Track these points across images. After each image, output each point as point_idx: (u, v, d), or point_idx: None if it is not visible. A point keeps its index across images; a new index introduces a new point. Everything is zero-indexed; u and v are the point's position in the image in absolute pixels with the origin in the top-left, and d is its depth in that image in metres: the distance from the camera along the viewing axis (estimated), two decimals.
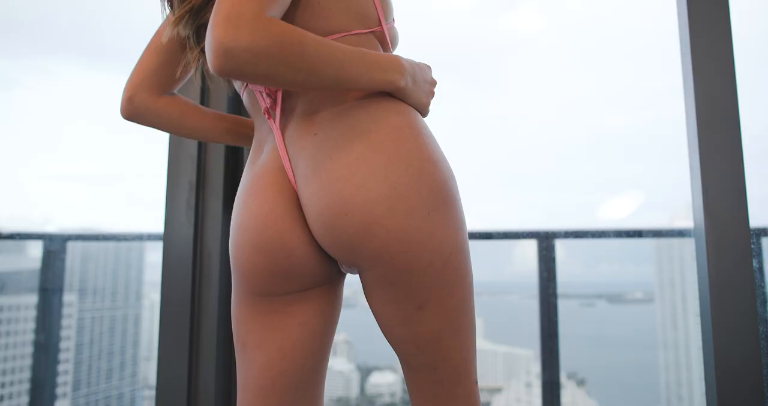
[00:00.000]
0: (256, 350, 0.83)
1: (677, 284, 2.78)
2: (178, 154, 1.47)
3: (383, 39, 0.89)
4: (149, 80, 0.95)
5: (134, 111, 0.96)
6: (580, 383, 3.32)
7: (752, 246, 1.29)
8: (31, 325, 2.43)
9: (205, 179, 1.47)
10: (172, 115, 0.98)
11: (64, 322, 2.40)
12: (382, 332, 0.84)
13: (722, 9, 1.35)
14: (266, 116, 0.85)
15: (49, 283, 2.29)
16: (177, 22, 0.86)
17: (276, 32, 0.66)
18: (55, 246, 2.30)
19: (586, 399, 3.27)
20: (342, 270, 0.88)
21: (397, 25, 0.94)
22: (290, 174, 0.81)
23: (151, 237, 2.39)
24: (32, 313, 2.38)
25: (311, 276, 0.82)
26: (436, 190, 0.76)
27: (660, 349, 2.87)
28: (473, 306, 0.82)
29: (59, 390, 2.45)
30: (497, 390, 3.66)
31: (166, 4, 0.93)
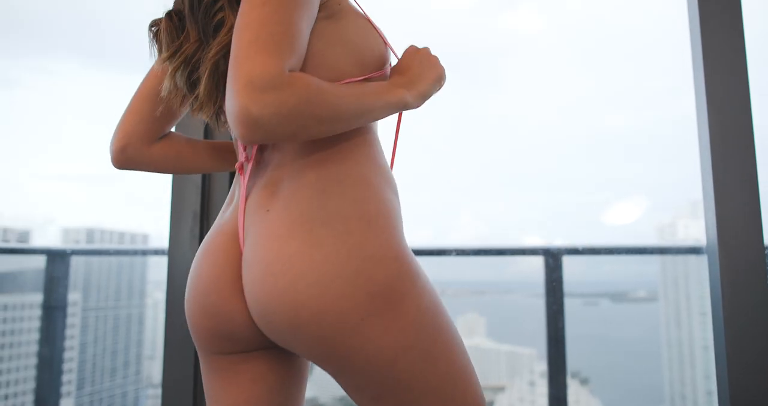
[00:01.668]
0: (215, 404, 0.84)
1: (681, 283, 2.78)
2: (183, 184, 1.45)
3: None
4: (142, 128, 0.91)
5: (127, 161, 0.92)
6: (584, 381, 3.32)
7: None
8: (36, 323, 2.44)
9: (210, 209, 1.45)
10: (168, 158, 0.94)
11: (69, 321, 2.41)
12: None
13: (736, 24, 1.33)
14: (238, 171, 0.82)
15: (54, 282, 2.30)
16: (173, 74, 0.81)
17: (300, 88, 0.64)
18: (58, 272, 2.30)
19: (590, 398, 3.27)
20: None
21: (396, 27, 0.93)
22: (241, 244, 0.78)
23: (157, 252, 2.39)
24: (37, 312, 2.39)
25: (256, 341, 0.80)
26: (373, 293, 0.71)
27: (664, 347, 2.87)
28: (455, 383, 0.76)
29: (64, 389, 2.45)
30: (500, 389, 3.66)
31: (155, 50, 0.87)
